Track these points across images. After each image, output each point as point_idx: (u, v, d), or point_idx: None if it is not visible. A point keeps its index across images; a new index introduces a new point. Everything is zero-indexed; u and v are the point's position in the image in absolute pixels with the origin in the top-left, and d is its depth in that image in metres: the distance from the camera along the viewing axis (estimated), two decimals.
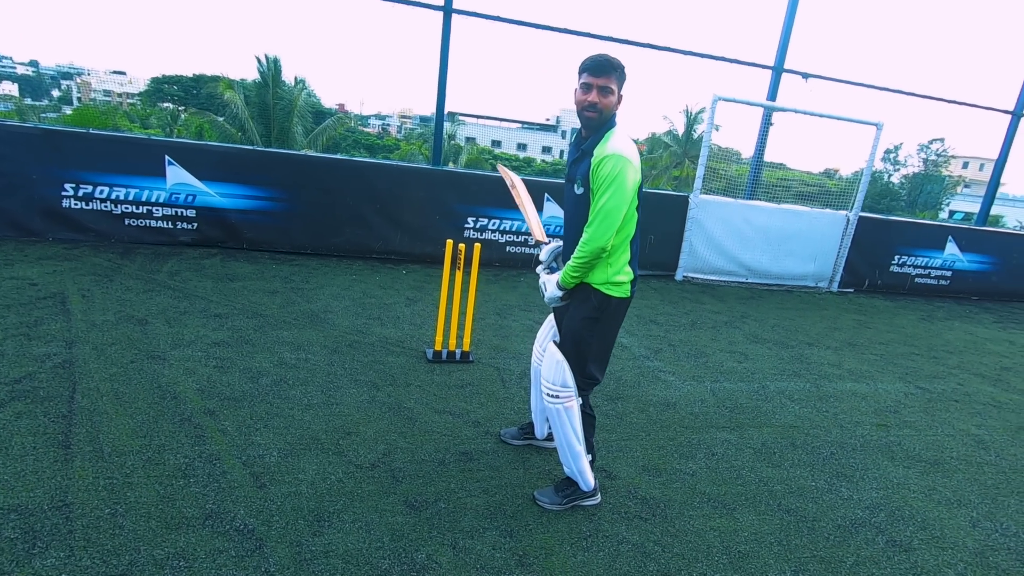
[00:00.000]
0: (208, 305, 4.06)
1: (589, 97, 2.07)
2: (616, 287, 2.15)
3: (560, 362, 2.20)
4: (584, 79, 2.08)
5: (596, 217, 2.03)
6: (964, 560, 2.29)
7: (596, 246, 2.05)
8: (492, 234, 6.23)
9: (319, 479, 2.28)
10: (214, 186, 5.48)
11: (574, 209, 2.19)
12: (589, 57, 2.09)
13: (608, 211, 2.01)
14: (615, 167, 1.99)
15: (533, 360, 2.59)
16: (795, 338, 5.07)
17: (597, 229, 2.03)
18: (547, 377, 2.23)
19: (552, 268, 2.41)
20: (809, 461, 2.93)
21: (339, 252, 5.92)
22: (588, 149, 2.10)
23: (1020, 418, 3.89)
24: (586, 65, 2.08)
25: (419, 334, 4.03)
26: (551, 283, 2.24)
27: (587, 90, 2.07)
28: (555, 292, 2.22)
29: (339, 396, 2.99)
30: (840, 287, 7.43)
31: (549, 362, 2.24)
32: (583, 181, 2.10)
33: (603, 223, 2.02)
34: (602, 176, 2.02)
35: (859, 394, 3.95)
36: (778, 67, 6.85)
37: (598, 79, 2.06)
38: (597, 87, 2.06)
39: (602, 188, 2.02)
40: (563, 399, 2.21)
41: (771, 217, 6.96)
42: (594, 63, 2.06)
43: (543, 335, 2.54)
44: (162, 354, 3.21)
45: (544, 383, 2.25)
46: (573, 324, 2.21)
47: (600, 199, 2.02)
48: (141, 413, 2.58)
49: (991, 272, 8.07)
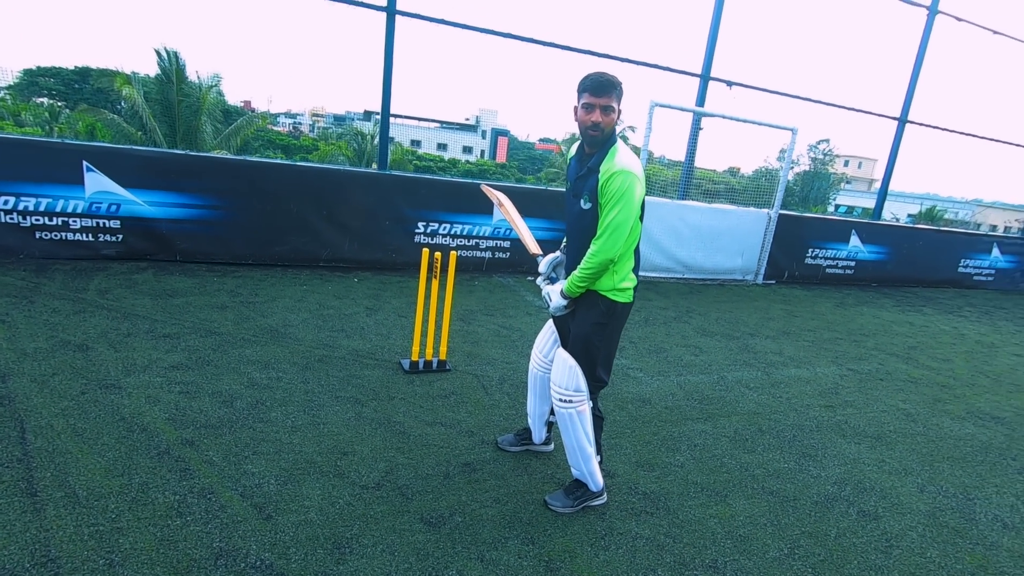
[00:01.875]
0: (153, 325, 3.74)
1: (592, 117, 2.11)
2: (621, 293, 2.23)
3: (573, 367, 2.25)
4: (586, 99, 2.12)
5: (605, 231, 2.09)
6: (921, 523, 2.59)
7: (605, 258, 2.11)
8: (443, 239, 6.18)
9: (326, 504, 2.19)
10: (141, 194, 5.04)
11: (579, 222, 2.24)
12: (589, 77, 2.12)
13: (617, 225, 2.08)
14: (624, 183, 2.07)
15: (531, 366, 2.62)
16: (738, 329, 5.45)
17: (606, 242, 2.10)
18: (560, 383, 2.27)
19: (552, 279, 2.45)
20: (777, 444, 3.18)
21: (284, 262, 5.64)
22: (595, 166, 2.15)
23: (933, 391, 4.42)
24: (587, 85, 2.12)
25: (388, 344, 3.94)
26: (555, 293, 2.28)
27: (590, 110, 2.11)
28: (560, 301, 2.27)
29: (324, 415, 2.87)
30: (764, 279, 8.04)
31: (561, 368, 2.28)
32: (591, 196, 2.15)
33: (612, 236, 2.09)
34: (611, 191, 2.08)
35: (803, 379, 4.32)
36: (705, 75, 7.30)
37: (600, 99, 2.10)
38: (600, 107, 2.10)
39: (611, 203, 2.08)
40: (576, 403, 2.26)
41: (703, 216, 7.41)
42: (595, 83, 2.10)
43: (543, 342, 2.58)
44: (115, 382, 2.93)
45: (557, 389, 2.28)
46: (582, 329, 2.26)
47: (609, 214, 2.09)
48: (110, 450, 2.35)
49: (887, 261, 9.05)
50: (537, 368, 2.59)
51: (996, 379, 4.93)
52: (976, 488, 2.97)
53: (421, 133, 51.31)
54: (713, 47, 7.25)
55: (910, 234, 9.33)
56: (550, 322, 2.57)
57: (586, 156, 2.23)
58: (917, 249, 9.31)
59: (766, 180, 27.20)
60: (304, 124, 61.05)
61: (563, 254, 2.49)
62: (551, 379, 2.33)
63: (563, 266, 2.47)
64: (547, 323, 2.58)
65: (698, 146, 7.65)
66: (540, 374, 2.58)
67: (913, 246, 9.25)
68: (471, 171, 33.09)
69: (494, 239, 6.42)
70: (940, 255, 9.64)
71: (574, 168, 2.31)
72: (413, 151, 31.54)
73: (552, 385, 2.31)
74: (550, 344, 2.54)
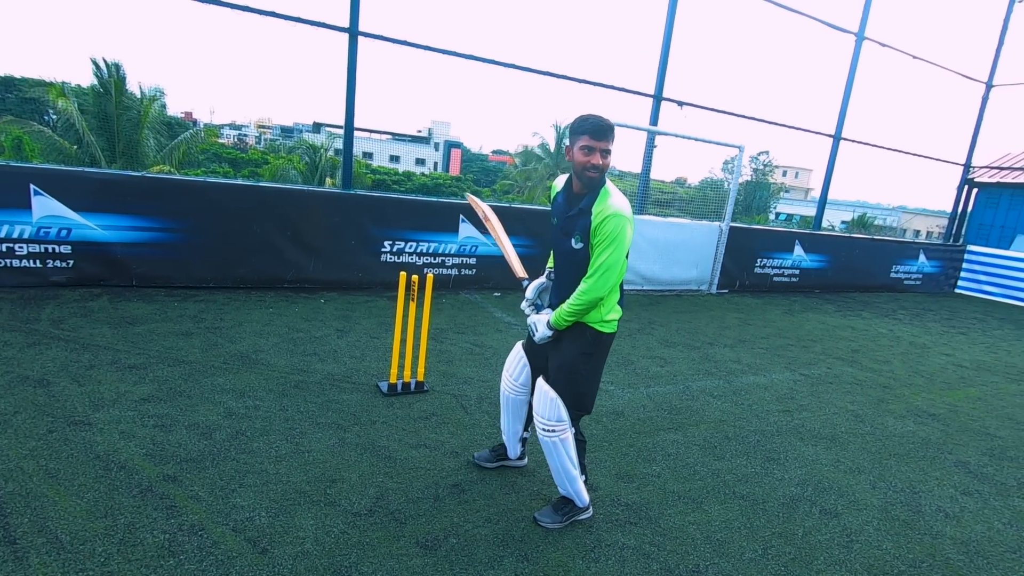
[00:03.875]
0: (116, 356, 3.62)
1: (592, 160, 2.17)
2: (607, 324, 2.32)
3: (554, 399, 2.32)
4: (585, 142, 2.16)
5: (597, 272, 2.18)
6: (876, 518, 2.82)
7: (595, 297, 2.21)
8: (410, 257, 6.20)
9: (321, 534, 2.20)
10: (94, 217, 4.86)
11: (569, 261, 2.31)
12: (588, 121, 2.17)
13: (609, 266, 2.17)
14: (617, 226, 2.14)
15: (503, 388, 2.69)
16: (698, 339, 5.71)
17: (597, 282, 2.19)
18: (543, 415, 2.35)
19: (537, 305, 2.53)
20: (743, 450, 3.38)
21: (247, 284, 5.53)
22: (587, 207, 2.20)
23: (877, 392, 4.77)
24: (587, 128, 2.17)
25: (363, 367, 3.94)
26: (541, 324, 2.35)
27: (589, 153, 2.17)
28: (546, 332, 2.34)
29: (307, 443, 2.87)
30: (718, 289, 8.42)
31: (543, 400, 2.35)
32: (583, 237, 2.22)
33: (603, 277, 2.18)
34: (604, 234, 2.15)
35: (761, 385, 4.58)
36: (658, 95, 7.64)
37: (600, 143, 2.16)
38: (600, 151, 2.16)
39: (603, 245, 2.16)
40: (558, 432, 2.34)
41: (659, 229, 7.72)
42: (595, 127, 2.16)
43: (512, 366, 2.64)
44: (84, 419, 2.83)
45: (540, 420, 2.36)
46: (567, 359, 2.34)
47: (602, 256, 2.17)
48: (89, 490, 2.29)
49: (828, 269, 9.64)
50: (508, 391, 2.65)
51: (930, 378, 5.36)
52: (920, 482, 3.24)
53: (373, 145, 50.77)
54: (664, 69, 7.60)
55: (847, 243, 9.98)
56: (519, 346, 2.65)
57: (575, 195, 2.29)
58: (854, 257, 9.96)
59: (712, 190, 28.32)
60: (250, 136, 59.28)
61: (548, 280, 2.56)
62: (534, 409, 2.40)
63: (548, 292, 2.55)
64: (516, 347, 2.66)
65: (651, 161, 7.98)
66: (512, 396, 2.65)
67: (850, 254, 9.90)
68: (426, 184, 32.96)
69: (460, 256, 6.48)
70: (874, 262, 10.34)
71: (562, 206, 2.35)
72: (367, 164, 31.20)
73: (536, 416, 2.39)
74: (519, 369, 2.60)
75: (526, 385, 2.62)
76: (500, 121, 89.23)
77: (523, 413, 2.71)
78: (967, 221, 12.14)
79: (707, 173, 45.44)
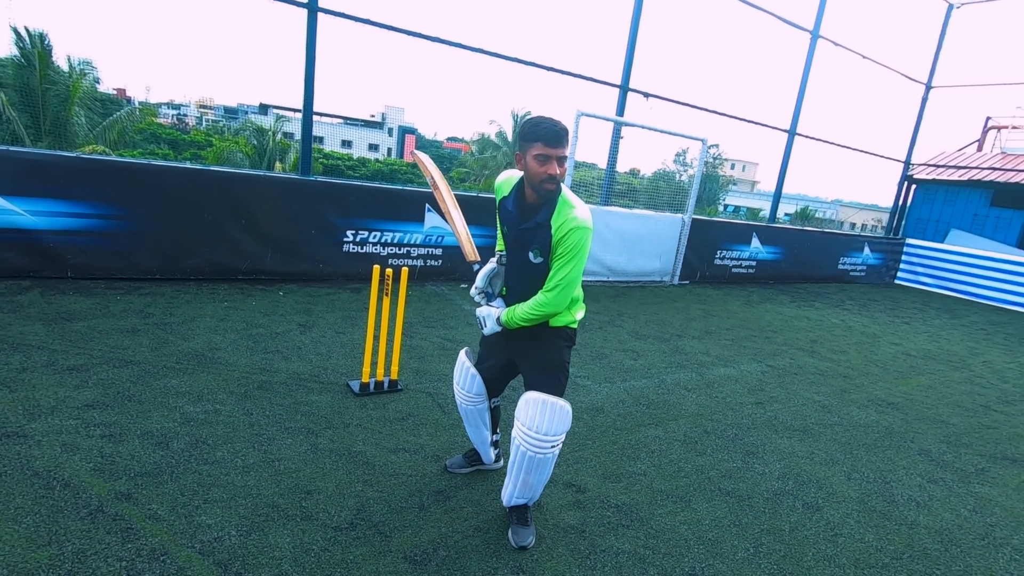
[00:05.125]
0: (52, 356, 3.27)
1: (549, 170, 1.96)
2: (575, 320, 2.26)
3: (565, 411, 2.11)
4: (540, 150, 1.95)
5: (558, 286, 2.03)
6: (855, 510, 2.86)
7: (552, 311, 2.09)
8: (374, 247, 5.95)
9: (300, 552, 2.03)
10: (21, 202, 4.39)
11: (527, 273, 2.15)
12: (541, 126, 1.95)
13: (570, 281, 2.04)
14: (580, 240, 1.99)
15: (459, 401, 2.50)
16: (667, 331, 5.74)
17: (557, 296, 2.05)
18: (548, 431, 2.10)
19: (487, 294, 2.32)
20: (723, 445, 3.39)
21: (197, 275, 5.16)
22: (544, 221, 2.03)
23: (839, 382, 4.92)
24: (539, 135, 1.94)
25: (331, 365, 3.72)
26: (492, 319, 2.20)
27: (545, 162, 1.95)
28: (495, 328, 2.20)
29: (276, 450, 2.66)
30: (680, 280, 8.53)
31: (551, 413, 2.09)
32: (542, 251, 2.06)
33: (563, 292, 2.05)
34: (566, 247, 2.00)
35: (732, 378, 4.63)
36: (624, 86, 7.60)
37: (555, 150, 1.95)
38: (556, 158, 1.96)
39: (565, 258, 2.01)
40: (558, 446, 2.18)
41: (625, 221, 7.73)
42: (550, 133, 1.93)
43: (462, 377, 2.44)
44: (18, 430, 2.52)
45: (544, 436, 2.11)
46: (557, 356, 2.21)
47: (563, 269, 2.02)
48: (28, 513, 2.02)
49: (782, 260, 9.95)
50: (465, 403, 2.49)
51: (884, 367, 5.58)
52: (890, 471, 3.33)
53: (324, 129, 48.98)
54: (631, 60, 7.57)
55: (800, 235, 10.32)
56: (462, 355, 2.47)
57: (529, 206, 2.09)
58: (805, 249, 10.32)
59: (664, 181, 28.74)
60: (190, 116, 56.14)
61: (499, 265, 2.33)
62: (533, 427, 2.12)
63: (500, 278, 2.34)
64: (459, 356, 2.48)
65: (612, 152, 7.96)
66: (470, 408, 2.49)
67: (802, 246, 10.25)
68: (381, 171, 32.13)
69: (425, 247, 6.28)
70: (824, 254, 10.76)
71: (514, 215, 2.13)
72: (319, 149, 30.09)
73: (535, 433, 2.12)
74: (468, 379, 2.43)
75: (480, 393, 2.46)
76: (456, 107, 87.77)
77: (486, 419, 2.56)
78: (906, 215, 12.80)
79: (660, 165, 46.37)
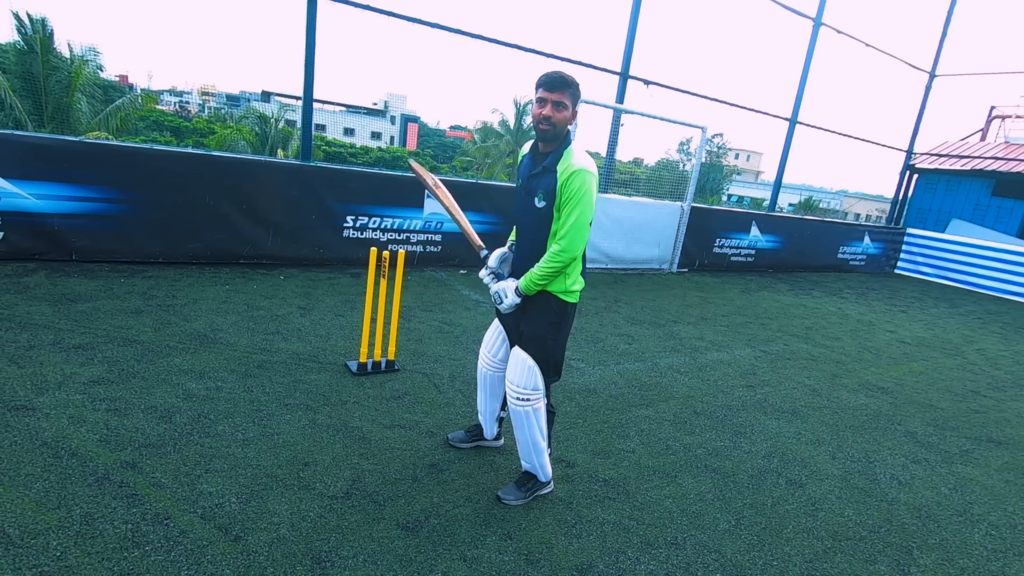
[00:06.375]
0: (59, 335, 3.36)
1: (544, 111, 2.15)
2: (571, 294, 2.31)
3: (531, 367, 2.30)
4: (539, 94, 2.17)
5: (570, 230, 2.15)
6: (837, 486, 2.95)
7: (569, 256, 2.18)
8: (373, 233, 6.02)
9: (297, 519, 2.12)
10: (26, 185, 4.47)
11: (533, 220, 2.27)
12: (545, 74, 2.17)
13: (581, 224, 2.16)
14: (584, 182, 2.13)
15: (480, 366, 2.65)
16: (662, 317, 5.81)
17: (571, 241, 2.16)
18: (517, 382, 2.31)
19: (498, 274, 2.41)
20: (712, 425, 3.47)
21: (199, 259, 5.24)
22: (551, 165, 2.19)
23: (831, 367, 4.99)
24: (541, 81, 2.17)
25: (329, 346, 3.81)
26: (510, 291, 2.30)
27: (542, 104, 2.16)
28: (515, 300, 2.29)
29: (275, 425, 2.75)
30: (679, 267, 8.59)
31: (519, 368, 2.31)
32: (547, 195, 2.20)
33: (576, 235, 2.16)
34: (571, 191, 2.13)
35: (724, 362, 4.70)
36: (624, 73, 7.61)
37: (552, 94, 2.15)
38: (552, 102, 2.15)
39: (572, 202, 2.14)
40: (533, 401, 2.32)
41: (624, 208, 7.77)
42: (549, 79, 2.16)
43: (491, 341, 2.60)
44: (27, 403, 2.61)
45: (514, 388, 2.32)
46: (538, 331, 2.31)
47: (572, 213, 2.14)
48: (37, 480, 2.12)
49: (781, 249, 9.98)
50: (486, 368, 2.61)
51: (877, 354, 5.64)
52: (874, 452, 3.41)
53: (326, 117, 48.83)
54: (631, 47, 7.56)
55: (799, 224, 10.34)
56: (496, 321, 2.59)
57: (540, 155, 2.26)
58: (805, 238, 10.34)
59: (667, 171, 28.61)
60: (192, 103, 56.04)
61: (510, 251, 2.48)
62: (507, 378, 2.36)
63: (509, 263, 2.46)
64: (493, 323, 2.61)
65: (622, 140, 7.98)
66: (490, 373, 2.61)
67: (802, 235, 10.27)
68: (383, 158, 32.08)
69: (425, 232, 6.34)
70: (823, 243, 10.78)
71: (527, 165, 2.32)
72: (321, 136, 30.07)
73: (509, 384, 2.34)
74: (499, 344, 2.56)
75: (505, 360, 2.56)
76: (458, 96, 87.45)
77: (500, 391, 2.66)
78: (907, 205, 12.78)
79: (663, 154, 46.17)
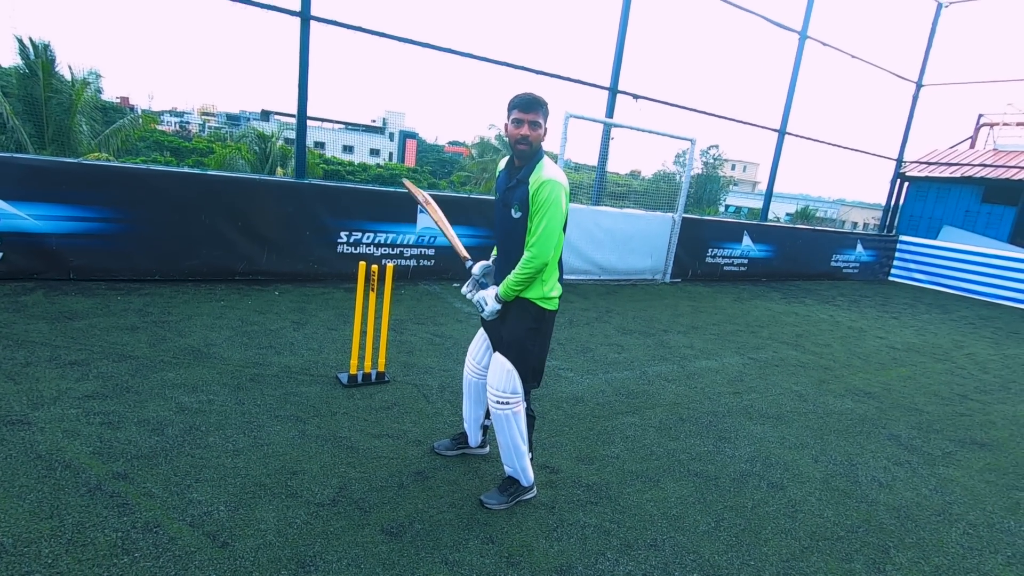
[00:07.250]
0: (55, 352, 3.44)
1: (521, 131, 2.29)
2: (549, 301, 2.41)
3: (510, 371, 2.39)
4: (515, 115, 2.30)
5: (539, 237, 2.27)
6: (818, 488, 3.00)
7: (540, 262, 2.29)
8: (367, 248, 6.11)
9: (284, 525, 2.18)
10: (26, 207, 4.57)
11: (510, 230, 2.39)
12: (518, 96, 2.31)
13: (549, 231, 2.27)
14: (552, 192, 2.26)
15: (466, 373, 2.73)
16: (653, 327, 5.87)
17: (540, 248, 2.27)
18: (497, 386, 2.40)
19: (482, 284, 2.55)
20: (697, 431, 3.52)
21: (195, 276, 5.33)
22: (524, 178, 2.32)
23: (818, 373, 5.05)
24: (516, 103, 2.31)
25: (321, 359, 3.88)
26: (490, 298, 2.42)
27: (519, 125, 2.29)
28: (495, 306, 2.41)
29: (265, 436, 2.81)
30: (671, 278, 8.67)
31: (498, 372, 2.40)
32: (521, 206, 2.32)
33: (545, 242, 2.27)
34: (540, 200, 2.26)
35: (713, 369, 4.76)
36: (613, 88, 7.76)
37: (527, 115, 2.28)
38: (528, 122, 2.28)
39: (541, 211, 2.27)
40: (512, 405, 2.40)
41: (616, 220, 7.87)
42: (523, 102, 2.30)
43: (476, 349, 2.69)
44: (22, 418, 2.68)
45: (494, 392, 2.41)
46: (516, 336, 2.40)
47: (541, 221, 2.27)
48: (31, 491, 2.18)
49: (773, 258, 10.07)
50: (472, 375, 2.70)
51: (866, 360, 5.70)
52: (857, 455, 3.46)
53: (325, 134, 49.28)
54: (619, 62, 7.72)
55: (791, 233, 10.45)
56: (482, 330, 2.69)
57: (515, 169, 2.40)
58: (797, 247, 10.44)
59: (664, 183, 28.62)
60: (193, 124, 56.61)
61: (493, 265, 2.60)
62: (487, 382, 2.46)
63: (491, 275, 2.60)
64: (479, 331, 2.70)
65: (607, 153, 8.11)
66: (475, 380, 2.70)
67: (794, 244, 10.36)
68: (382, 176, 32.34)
69: (419, 247, 6.44)
70: (816, 251, 10.87)
71: (504, 180, 2.46)
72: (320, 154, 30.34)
73: (489, 388, 2.43)
74: (483, 351, 2.66)
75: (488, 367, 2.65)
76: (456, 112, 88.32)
77: (485, 398, 2.73)
78: (899, 213, 12.90)
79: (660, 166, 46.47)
